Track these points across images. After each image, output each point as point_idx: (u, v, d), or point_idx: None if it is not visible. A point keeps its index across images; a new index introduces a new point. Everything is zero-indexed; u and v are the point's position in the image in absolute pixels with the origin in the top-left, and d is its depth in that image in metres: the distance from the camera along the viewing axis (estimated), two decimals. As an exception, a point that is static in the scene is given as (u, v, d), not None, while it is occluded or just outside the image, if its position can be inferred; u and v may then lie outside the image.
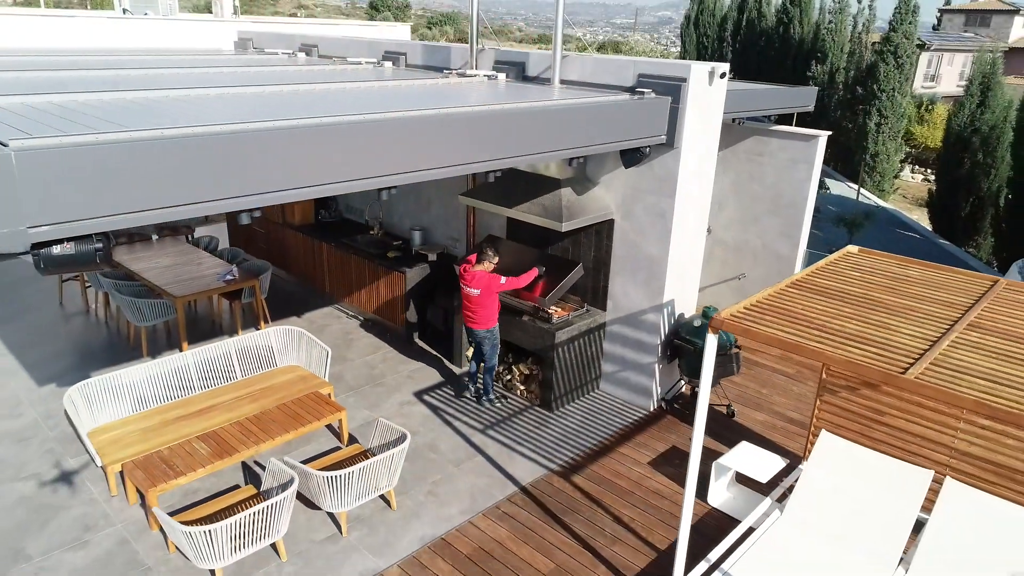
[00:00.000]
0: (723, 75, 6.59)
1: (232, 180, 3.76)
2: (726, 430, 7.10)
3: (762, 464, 5.81)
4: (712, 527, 5.71)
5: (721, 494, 6.08)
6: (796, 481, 5.66)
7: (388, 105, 5.13)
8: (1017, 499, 5.01)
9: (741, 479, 6.28)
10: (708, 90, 6.54)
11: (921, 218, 21.84)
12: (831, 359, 3.67)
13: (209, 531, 4.64)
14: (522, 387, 7.60)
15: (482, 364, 7.32)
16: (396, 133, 4.57)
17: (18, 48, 10.74)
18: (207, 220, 13.62)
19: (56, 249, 3.23)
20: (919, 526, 5.15)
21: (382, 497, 5.91)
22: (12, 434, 6.61)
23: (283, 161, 3.99)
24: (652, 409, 7.40)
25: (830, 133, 9.02)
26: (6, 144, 3.14)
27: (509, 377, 7.68)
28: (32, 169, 3.09)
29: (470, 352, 7.93)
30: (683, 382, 7.56)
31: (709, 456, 6.07)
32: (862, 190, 22.47)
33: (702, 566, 5.08)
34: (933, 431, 5.37)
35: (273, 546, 5.28)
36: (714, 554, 5.21)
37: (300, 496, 5.82)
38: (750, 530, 5.47)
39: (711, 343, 4.12)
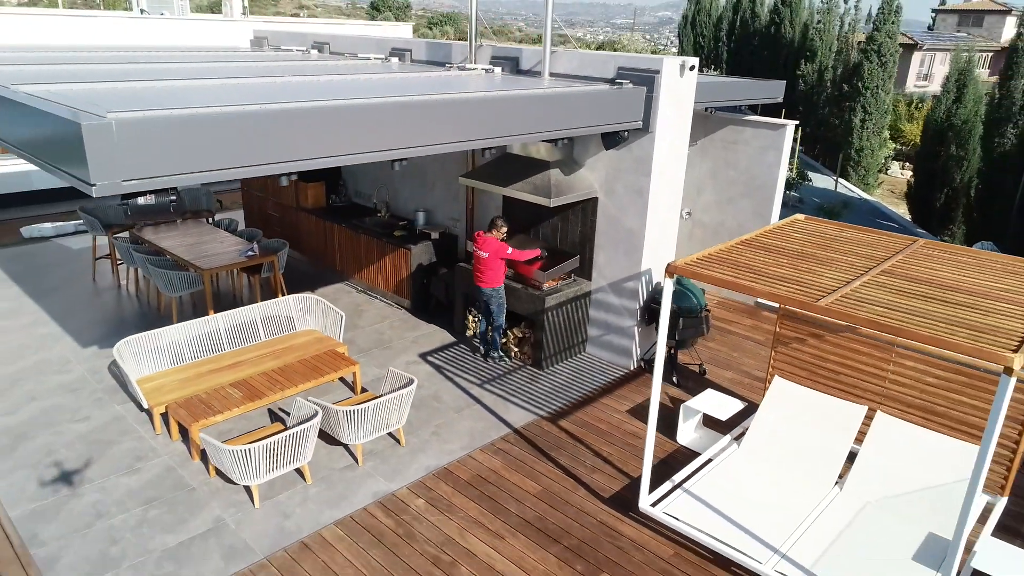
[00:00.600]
0: (692, 68, 7.44)
1: (275, 148, 4.62)
2: (698, 386, 7.95)
3: (722, 405, 6.67)
4: (680, 461, 6.56)
5: (689, 434, 6.94)
6: (752, 419, 6.51)
7: (398, 92, 5.98)
8: (937, 429, 5.86)
9: (708, 423, 7.14)
10: (679, 81, 7.40)
11: (905, 211, 22.70)
12: (760, 292, 4.53)
13: (247, 450, 5.50)
14: (516, 349, 8.45)
15: (491, 324, 8.17)
16: (406, 114, 5.43)
17: (47, 45, 11.61)
18: (221, 206, 14.48)
19: (140, 200, 4.08)
20: (855, 454, 6.01)
21: (392, 436, 6.76)
22: (64, 385, 7.48)
23: (315, 134, 4.85)
24: (632, 368, 8.26)
25: (797, 123, 9.86)
26: (103, 116, 4.00)
27: (504, 340, 8.53)
28: (126, 135, 3.95)
29: (470, 319, 8.78)
30: (660, 344, 8.40)
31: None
32: (847, 183, 23.34)
33: (666, 486, 5.94)
34: (868, 372, 6.22)
35: (299, 471, 6.15)
36: (677, 477, 6.06)
37: (321, 434, 6.67)
38: (709, 461, 6.32)
39: (668, 287, 4.97)
